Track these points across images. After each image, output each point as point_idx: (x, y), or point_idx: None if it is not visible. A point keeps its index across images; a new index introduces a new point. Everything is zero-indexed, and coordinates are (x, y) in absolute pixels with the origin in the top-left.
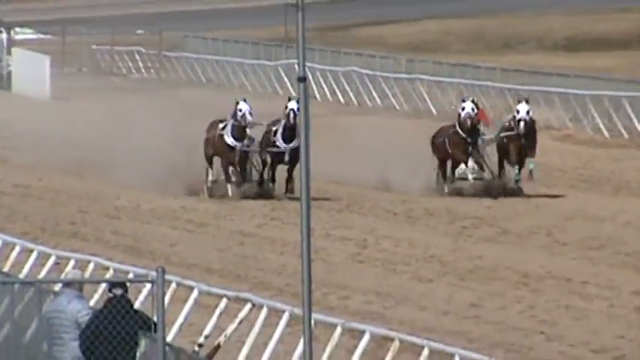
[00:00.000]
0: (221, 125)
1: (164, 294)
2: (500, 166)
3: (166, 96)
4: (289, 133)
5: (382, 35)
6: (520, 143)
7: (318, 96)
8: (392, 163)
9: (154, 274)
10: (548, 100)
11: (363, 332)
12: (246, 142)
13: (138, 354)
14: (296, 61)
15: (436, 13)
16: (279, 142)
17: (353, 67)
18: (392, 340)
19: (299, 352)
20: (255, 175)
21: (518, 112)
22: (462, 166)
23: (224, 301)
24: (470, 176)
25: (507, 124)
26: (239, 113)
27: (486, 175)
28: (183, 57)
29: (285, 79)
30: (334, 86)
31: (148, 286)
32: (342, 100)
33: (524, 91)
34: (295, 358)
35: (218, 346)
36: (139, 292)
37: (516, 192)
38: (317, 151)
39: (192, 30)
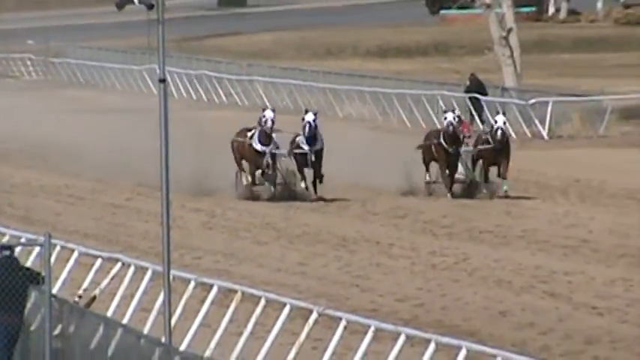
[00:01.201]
0: (249, 133)
1: (50, 255)
2: (474, 172)
3: (52, 94)
4: (312, 140)
5: (227, 45)
6: (493, 158)
7: (175, 94)
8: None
9: (42, 238)
10: (362, 97)
11: (212, 285)
12: (272, 146)
13: (29, 304)
14: (157, 65)
15: (270, 26)
16: (304, 145)
17: (203, 70)
18: (235, 291)
19: (160, 302)
20: (281, 178)
21: (496, 122)
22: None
23: (99, 260)
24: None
25: (484, 136)
26: (263, 119)
27: (467, 179)
28: (66, 62)
29: (148, 80)
30: (188, 86)
31: (38, 248)
32: (194, 97)
33: (342, 90)
34: (157, 306)
35: (94, 298)
36: (30, 253)
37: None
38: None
39: (73, 40)
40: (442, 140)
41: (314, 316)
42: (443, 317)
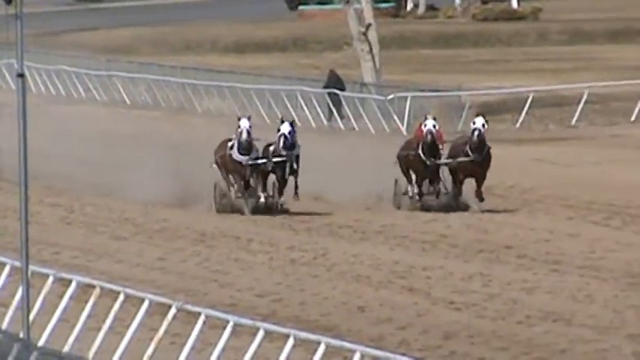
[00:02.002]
0: (229, 143)
1: None
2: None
3: None
4: (291, 146)
5: (86, 40)
6: (471, 171)
7: (34, 89)
8: (94, 142)
9: None
10: (221, 92)
11: (70, 281)
12: (252, 155)
13: None
14: (15, 60)
15: (128, 22)
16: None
17: (62, 65)
18: (94, 287)
19: (18, 297)
20: (265, 191)
21: (474, 122)
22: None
23: None
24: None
25: (462, 148)
26: (238, 130)
27: (445, 191)
28: None
29: (7, 75)
30: (47, 81)
31: None
32: (53, 92)
33: (201, 85)
34: (15, 302)
35: None
36: None
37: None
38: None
39: None
40: (420, 151)
41: (173, 311)
42: (301, 312)
